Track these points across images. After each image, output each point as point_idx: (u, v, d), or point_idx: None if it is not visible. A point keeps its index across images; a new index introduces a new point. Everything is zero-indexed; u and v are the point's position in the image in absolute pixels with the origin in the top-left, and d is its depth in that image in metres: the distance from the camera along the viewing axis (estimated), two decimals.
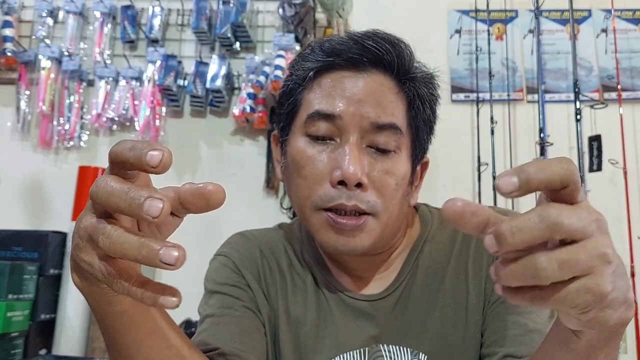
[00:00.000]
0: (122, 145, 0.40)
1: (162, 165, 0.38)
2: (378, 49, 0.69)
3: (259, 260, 0.79)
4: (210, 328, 0.72)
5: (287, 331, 0.75)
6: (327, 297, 0.77)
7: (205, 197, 0.40)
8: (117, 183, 0.39)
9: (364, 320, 0.75)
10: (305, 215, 0.71)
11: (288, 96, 0.74)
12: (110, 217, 0.41)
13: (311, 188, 0.69)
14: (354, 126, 0.68)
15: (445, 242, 0.77)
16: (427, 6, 1.99)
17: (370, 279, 0.78)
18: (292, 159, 0.72)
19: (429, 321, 0.73)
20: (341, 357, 0.73)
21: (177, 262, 0.36)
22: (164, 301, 0.38)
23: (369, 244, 0.70)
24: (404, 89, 0.71)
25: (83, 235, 0.41)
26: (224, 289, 0.76)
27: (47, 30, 1.96)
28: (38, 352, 1.62)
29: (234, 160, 1.91)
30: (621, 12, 1.95)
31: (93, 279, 0.42)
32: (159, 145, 0.38)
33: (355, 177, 0.66)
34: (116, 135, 1.94)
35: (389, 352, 0.73)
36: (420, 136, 0.74)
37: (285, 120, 0.75)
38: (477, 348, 0.72)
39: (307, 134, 0.71)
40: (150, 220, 0.36)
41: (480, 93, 1.87)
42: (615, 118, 1.74)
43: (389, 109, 0.69)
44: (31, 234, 1.68)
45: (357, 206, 0.67)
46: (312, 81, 0.71)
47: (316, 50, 0.72)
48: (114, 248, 0.38)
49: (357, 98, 0.68)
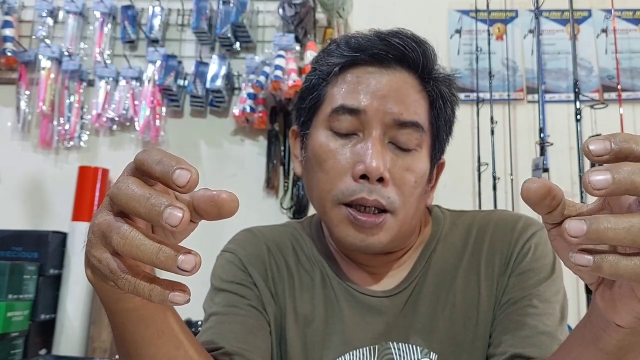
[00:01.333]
0: (150, 156, 0.39)
1: (188, 187, 0.37)
2: (404, 46, 0.70)
3: (266, 258, 0.79)
4: (215, 327, 0.71)
5: (294, 329, 0.75)
6: (336, 293, 0.76)
7: (217, 205, 0.39)
8: (139, 187, 0.38)
9: (373, 316, 0.74)
10: (325, 209, 0.71)
11: (311, 91, 0.74)
12: (126, 216, 0.41)
13: (332, 182, 0.69)
14: (377, 121, 0.68)
15: (458, 243, 0.78)
16: (427, 6, 1.99)
17: (381, 276, 0.78)
18: (314, 153, 0.72)
19: (439, 320, 0.73)
20: (350, 354, 0.73)
21: (194, 269, 0.36)
22: (173, 298, 0.38)
23: (386, 242, 0.70)
24: (427, 88, 0.72)
25: (96, 231, 0.41)
26: (230, 287, 0.76)
27: (47, 30, 1.96)
28: (38, 352, 1.62)
29: (234, 160, 1.91)
30: (621, 12, 1.95)
31: (101, 275, 0.42)
32: (186, 164, 0.37)
33: (378, 171, 0.66)
34: (116, 136, 1.94)
35: (398, 350, 0.73)
36: (440, 136, 0.75)
37: (307, 114, 0.75)
38: (486, 348, 0.72)
39: (330, 128, 0.71)
40: (169, 229, 0.36)
41: (481, 93, 1.87)
42: (615, 118, 1.74)
43: (412, 106, 0.70)
44: (31, 234, 1.68)
45: (377, 201, 0.67)
46: (336, 76, 0.72)
47: (342, 46, 0.73)
48: (128, 249, 0.38)
49: (381, 94, 0.69)
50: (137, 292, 0.39)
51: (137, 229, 0.38)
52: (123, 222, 0.39)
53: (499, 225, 0.76)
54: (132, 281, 0.39)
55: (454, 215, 0.82)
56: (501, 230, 0.76)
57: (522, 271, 0.72)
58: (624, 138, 0.35)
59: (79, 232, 1.73)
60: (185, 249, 0.36)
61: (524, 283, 0.71)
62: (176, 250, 0.36)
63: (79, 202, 1.78)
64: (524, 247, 0.73)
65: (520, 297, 0.70)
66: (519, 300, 0.70)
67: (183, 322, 0.55)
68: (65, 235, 1.74)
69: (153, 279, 0.39)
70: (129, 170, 0.42)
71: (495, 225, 0.76)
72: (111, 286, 0.42)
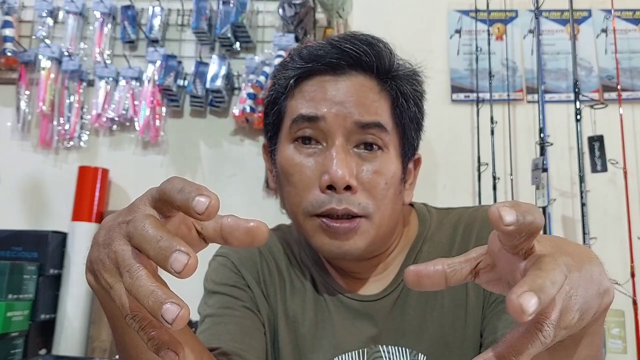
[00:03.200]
0: (172, 185, 0.40)
1: (207, 214, 0.38)
2: (355, 51, 0.69)
3: (258, 261, 0.79)
4: (211, 328, 0.72)
5: (286, 331, 0.76)
6: (325, 298, 0.77)
7: (251, 234, 0.41)
8: (153, 228, 0.39)
9: (362, 320, 0.75)
10: (299, 221, 0.71)
11: (272, 105, 0.75)
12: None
13: (301, 195, 0.69)
14: (338, 128, 0.68)
15: (444, 242, 0.77)
16: (427, 6, 1.99)
17: (368, 280, 0.78)
18: (282, 168, 0.72)
19: (428, 322, 0.73)
20: (340, 358, 0.73)
21: (175, 322, 0.36)
22: (165, 355, 0.39)
23: (363, 246, 0.70)
24: (386, 88, 0.71)
25: (112, 258, 0.41)
26: (224, 289, 0.76)
27: (47, 30, 1.96)
28: (38, 352, 1.62)
29: (234, 160, 1.91)
30: (621, 12, 1.95)
31: (108, 297, 0.43)
32: (207, 191, 0.38)
33: (343, 180, 0.66)
34: (116, 136, 1.94)
35: (387, 353, 0.73)
36: (407, 134, 0.74)
37: (272, 129, 0.75)
38: (476, 348, 0.72)
39: (293, 140, 0.71)
40: (174, 275, 0.37)
41: (480, 93, 1.87)
42: (615, 118, 1.74)
43: (372, 108, 0.69)
44: (31, 234, 1.68)
45: (348, 209, 0.67)
46: (293, 89, 0.72)
47: (295, 58, 0.73)
48: (132, 290, 0.38)
49: (338, 100, 0.69)
50: (140, 335, 0.40)
51: (146, 266, 0.39)
52: (135, 259, 0.40)
53: (486, 223, 0.76)
54: (137, 325, 0.40)
55: (441, 214, 0.81)
56: (487, 228, 0.75)
57: None
58: (527, 210, 0.36)
59: (79, 232, 1.73)
60: (176, 299, 0.37)
61: None
62: (168, 296, 0.37)
63: (79, 202, 1.78)
64: None
65: None
66: None
67: (186, 326, 0.55)
68: (65, 235, 1.74)
69: (158, 328, 0.40)
70: (149, 199, 0.42)
71: (482, 223, 0.76)
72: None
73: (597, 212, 1.77)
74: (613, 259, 1.70)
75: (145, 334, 0.40)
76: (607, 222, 1.78)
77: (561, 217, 1.82)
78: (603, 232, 1.74)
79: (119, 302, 0.41)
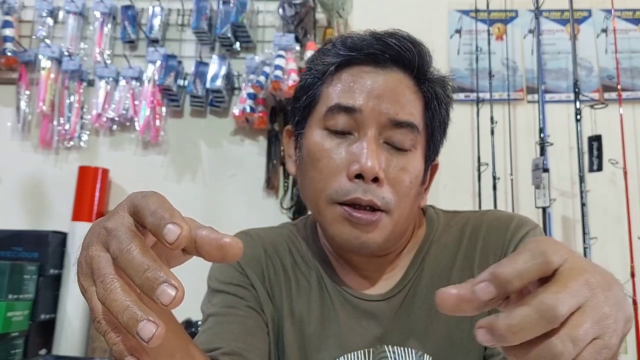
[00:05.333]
0: (147, 204, 0.39)
1: (176, 244, 0.37)
2: (400, 46, 0.70)
3: (263, 260, 0.79)
4: (214, 327, 0.72)
5: (291, 331, 0.75)
6: (331, 297, 0.76)
7: (222, 250, 0.39)
8: (139, 254, 0.38)
9: (368, 320, 0.74)
10: (319, 208, 0.71)
11: (306, 90, 0.74)
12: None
13: (326, 181, 0.69)
14: (372, 121, 0.68)
15: (451, 244, 0.77)
16: (427, 6, 1.99)
17: (375, 279, 0.77)
18: (308, 152, 0.72)
19: (434, 323, 0.73)
20: (345, 357, 0.73)
21: (151, 341, 0.36)
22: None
23: (381, 241, 0.70)
24: (422, 89, 0.72)
25: (88, 262, 0.41)
26: (228, 288, 0.76)
27: (47, 30, 1.96)
28: (38, 352, 1.62)
29: (234, 160, 1.91)
30: (621, 12, 1.95)
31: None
32: (180, 218, 0.37)
33: (373, 171, 0.66)
34: (116, 136, 1.94)
35: (393, 353, 0.73)
36: (435, 137, 0.75)
37: (302, 114, 0.75)
38: (481, 350, 0.72)
39: (325, 127, 0.71)
40: (160, 306, 0.36)
41: (480, 93, 1.87)
42: (615, 118, 1.74)
43: (408, 106, 0.70)
44: (31, 234, 1.68)
45: (372, 201, 0.67)
46: (332, 75, 0.72)
47: (337, 45, 0.73)
48: (105, 301, 0.38)
49: (376, 93, 0.69)
50: (105, 339, 0.40)
51: (121, 276, 0.39)
52: (109, 268, 0.39)
53: (492, 226, 0.76)
54: (105, 328, 0.40)
55: (447, 216, 0.81)
56: (494, 231, 0.75)
57: None
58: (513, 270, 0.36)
59: (79, 232, 1.73)
60: (153, 317, 0.36)
61: None
62: (144, 313, 0.36)
63: (79, 202, 1.78)
64: (517, 247, 0.73)
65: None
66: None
67: (181, 327, 0.54)
68: (65, 235, 1.74)
69: (124, 334, 0.39)
70: (128, 207, 0.42)
71: (489, 226, 0.76)
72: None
73: (597, 212, 1.77)
74: (613, 259, 1.70)
75: (110, 338, 0.39)
76: (607, 222, 1.79)
77: (561, 217, 1.82)
78: (603, 232, 1.74)
79: (90, 305, 0.41)
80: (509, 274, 0.36)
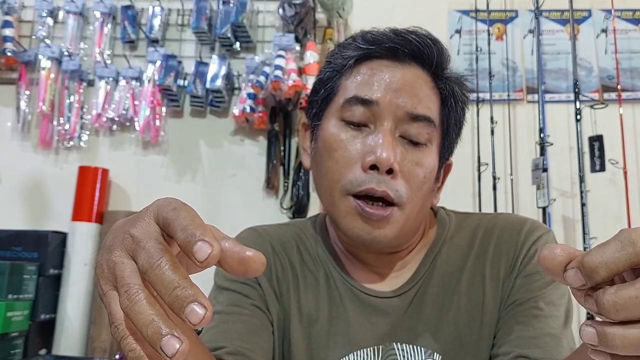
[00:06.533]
0: (178, 218, 0.39)
1: (206, 264, 0.37)
2: (420, 42, 0.71)
3: (271, 257, 0.79)
4: (219, 325, 0.71)
5: (299, 329, 0.75)
6: (340, 293, 0.76)
7: (245, 264, 0.39)
8: (169, 270, 0.37)
9: (377, 317, 0.74)
10: (333, 199, 0.71)
11: (325, 83, 0.75)
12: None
13: (342, 172, 0.69)
14: (389, 114, 0.69)
15: (463, 245, 0.78)
16: (427, 6, 1.99)
17: (386, 276, 0.77)
18: (324, 143, 0.72)
19: (444, 322, 0.73)
20: (354, 354, 0.73)
21: (175, 357, 0.35)
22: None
23: (392, 236, 0.70)
24: (439, 85, 0.73)
25: (110, 267, 0.40)
26: (234, 286, 0.76)
27: (47, 30, 1.96)
28: (38, 352, 1.62)
29: (234, 160, 1.91)
30: (621, 12, 1.95)
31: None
32: (210, 236, 0.37)
33: (388, 162, 0.66)
34: (116, 136, 1.94)
35: (402, 351, 0.72)
36: (450, 134, 0.75)
37: (320, 106, 0.76)
38: (489, 351, 0.72)
39: (341, 119, 0.71)
40: (189, 325, 0.36)
41: (480, 93, 1.87)
42: (615, 118, 1.74)
43: (425, 101, 0.70)
44: (31, 234, 1.68)
45: (386, 192, 0.67)
46: (351, 68, 0.73)
47: (358, 40, 0.73)
48: (129, 312, 0.37)
49: (394, 87, 0.69)
50: (122, 344, 0.39)
51: (145, 289, 0.38)
52: (134, 278, 0.38)
53: (505, 229, 0.76)
54: (122, 334, 0.39)
55: (459, 218, 0.82)
56: (507, 233, 0.76)
57: (529, 273, 0.72)
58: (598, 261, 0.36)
59: (79, 232, 1.73)
60: (177, 333, 0.36)
61: (530, 285, 0.71)
62: (169, 328, 0.36)
63: (79, 202, 1.78)
64: (530, 250, 0.73)
65: (526, 299, 0.70)
66: (524, 302, 0.70)
67: (199, 340, 0.54)
68: (65, 235, 1.74)
69: (141, 341, 0.38)
70: (154, 215, 0.41)
71: (502, 228, 0.77)
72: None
73: (597, 212, 1.77)
74: None
75: (127, 344, 0.38)
76: (607, 222, 1.79)
77: (561, 217, 1.82)
78: (603, 232, 1.74)
79: (109, 309, 0.40)
80: (596, 263, 0.35)
